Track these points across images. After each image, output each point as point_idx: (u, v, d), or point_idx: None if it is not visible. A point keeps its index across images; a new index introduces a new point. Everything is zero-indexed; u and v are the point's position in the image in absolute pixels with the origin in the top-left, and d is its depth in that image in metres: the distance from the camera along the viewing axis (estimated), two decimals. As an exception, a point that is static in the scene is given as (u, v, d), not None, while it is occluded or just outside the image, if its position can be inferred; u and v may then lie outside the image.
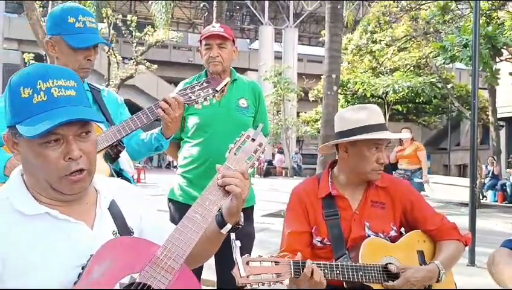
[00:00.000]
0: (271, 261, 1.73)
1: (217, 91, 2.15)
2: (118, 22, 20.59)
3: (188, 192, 2.63)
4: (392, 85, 17.21)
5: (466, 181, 10.57)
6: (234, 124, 2.54)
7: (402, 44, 17.18)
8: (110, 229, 1.32)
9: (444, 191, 14.27)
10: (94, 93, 2.21)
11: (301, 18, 33.40)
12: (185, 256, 1.27)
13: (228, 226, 1.41)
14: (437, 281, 1.98)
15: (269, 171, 24.79)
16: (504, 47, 9.97)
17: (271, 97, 23.80)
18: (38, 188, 1.25)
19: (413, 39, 16.77)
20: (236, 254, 1.48)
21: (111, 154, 2.06)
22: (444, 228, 2.13)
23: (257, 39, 34.99)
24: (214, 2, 11.41)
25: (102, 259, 1.20)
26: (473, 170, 6.07)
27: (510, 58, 12.35)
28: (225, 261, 2.08)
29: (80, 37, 2.06)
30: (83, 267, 1.20)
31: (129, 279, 1.21)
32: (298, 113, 26.57)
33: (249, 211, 2.65)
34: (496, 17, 12.03)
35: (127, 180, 2.08)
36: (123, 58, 22.00)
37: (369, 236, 2.07)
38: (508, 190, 13.74)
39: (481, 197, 13.37)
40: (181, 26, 38.66)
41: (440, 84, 17.06)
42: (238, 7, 36.41)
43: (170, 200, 2.72)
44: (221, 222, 1.41)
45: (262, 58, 28.32)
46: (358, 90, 18.13)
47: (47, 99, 1.18)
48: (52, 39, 2.10)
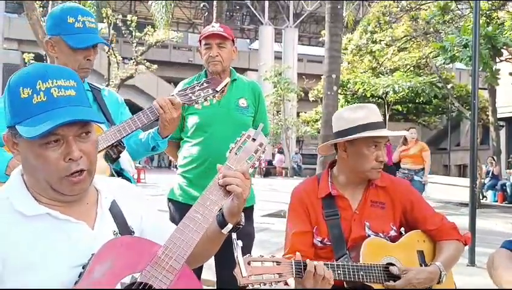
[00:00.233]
0: (272, 261, 1.73)
1: (217, 91, 2.15)
2: (118, 22, 20.58)
3: (188, 192, 2.63)
4: (392, 85, 17.22)
5: (466, 181, 10.58)
6: (234, 124, 2.53)
7: (402, 44, 17.18)
8: (111, 229, 1.31)
9: (444, 191, 14.27)
10: (94, 92, 2.21)
11: (301, 18, 33.40)
12: (186, 256, 1.27)
13: (229, 226, 1.40)
14: (438, 282, 1.98)
15: (269, 171, 24.80)
16: (504, 47, 9.97)
17: (271, 97, 23.80)
18: (38, 189, 1.25)
19: (413, 39, 16.78)
20: (237, 254, 1.47)
21: (111, 154, 2.05)
22: (444, 228, 2.13)
23: (257, 39, 34.99)
24: (214, 2, 11.42)
25: (103, 259, 1.19)
26: (473, 170, 6.07)
27: (510, 58, 12.35)
28: (225, 261, 2.07)
29: (80, 37, 2.05)
30: (84, 266, 1.19)
31: (130, 279, 1.21)
32: (298, 113, 26.57)
33: (249, 211, 2.64)
34: (496, 17, 12.04)
35: (128, 180, 2.08)
36: (123, 58, 22.00)
37: (369, 236, 2.06)
38: (508, 190, 13.75)
39: (481, 197, 13.37)
40: (181, 26, 38.67)
41: (440, 84, 17.07)
42: (238, 7, 36.41)
43: (170, 200, 2.72)
44: (222, 222, 1.41)
45: (262, 58, 28.31)
46: (358, 90, 18.13)
47: (47, 99, 1.17)
48: (51, 39, 2.09)
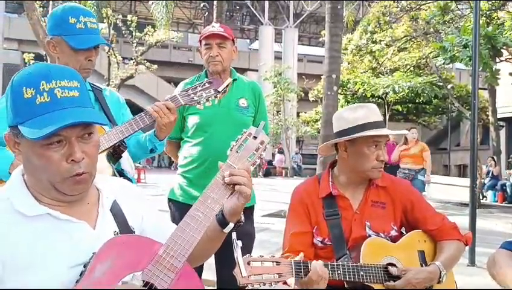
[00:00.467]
0: (272, 261, 1.73)
1: (219, 92, 2.15)
2: (118, 22, 20.59)
3: (188, 192, 2.63)
4: (392, 85, 17.22)
5: (466, 181, 10.59)
6: (234, 124, 2.53)
7: (402, 44, 17.19)
8: (112, 229, 1.31)
9: (444, 191, 14.27)
10: (96, 92, 2.21)
11: (301, 18, 33.38)
12: (188, 254, 1.27)
13: (230, 225, 1.40)
14: (438, 282, 1.98)
15: (269, 171, 24.78)
16: (504, 47, 9.97)
17: (271, 97, 23.80)
18: (39, 188, 1.24)
19: (413, 39, 16.79)
20: (237, 254, 1.47)
21: (113, 154, 2.05)
22: (445, 228, 2.13)
23: (257, 39, 34.97)
24: (214, 2, 11.44)
25: (104, 257, 1.20)
26: (473, 170, 6.07)
27: (510, 58, 12.35)
28: (225, 261, 2.07)
29: (81, 38, 2.05)
30: (85, 265, 1.20)
31: (131, 277, 1.21)
32: (298, 113, 26.57)
33: (250, 211, 2.65)
34: (496, 17, 12.04)
35: (129, 180, 2.08)
36: (123, 58, 22.01)
37: (369, 236, 2.06)
38: (508, 190, 13.75)
39: (481, 197, 13.37)
40: (181, 26, 38.65)
41: (440, 84, 17.07)
42: (238, 7, 36.40)
43: (170, 200, 2.72)
44: (222, 221, 1.40)
45: (262, 58, 28.28)
46: (358, 90, 18.14)
47: (50, 100, 1.17)
48: (53, 39, 2.09)
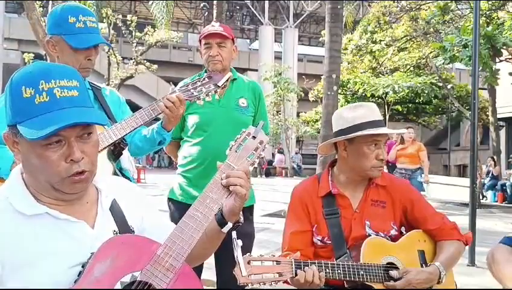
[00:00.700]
0: (272, 260, 1.73)
1: (219, 86, 2.13)
2: (118, 22, 20.59)
3: (188, 191, 2.62)
4: (392, 85, 17.23)
5: (466, 181, 10.58)
6: (234, 124, 2.53)
7: (402, 44, 17.21)
8: (111, 228, 1.31)
9: (444, 191, 14.27)
10: (95, 91, 2.21)
11: (301, 18, 33.39)
12: (186, 254, 1.27)
13: (229, 225, 1.40)
14: (438, 282, 1.98)
15: (269, 171, 24.80)
16: (504, 47, 9.97)
17: (271, 97, 23.80)
18: (38, 188, 1.24)
19: (413, 39, 16.81)
20: (237, 253, 1.47)
21: (114, 152, 2.05)
22: (445, 228, 2.12)
23: (257, 39, 34.98)
24: (214, 2, 11.44)
25: (103, 257, 1.19)
26: (473, 170, 6.06)
27: (510, 58, 12.35)
28: (225, 260, 2.07)
29: (81, 37, 2.04)
30: (84, 265, 1.19)
31: (130, 277, 1.21)
32: (298, 113, 26.57)
33: (249, 211, 2.64)
34: (496, 17, 12.04)
35: (127, 179, 2.07)
36: (123, 58, 22.00)
37: (369, 235, 2.06)
38: (508, 190, 13.74)
39: (481, 197, 13.38)
40: (181, 26, 38.65)
41: (440, 84, 17.08)
42: (238, 7, 36.41)
43: (170, 199, 2.72)
44: (221, 221, 1.40)
45: (262, 58, 28.27)
46: (358, 90, 18.14)
47: (49, 100, 1.16)
48: (52, 39, 2.08)
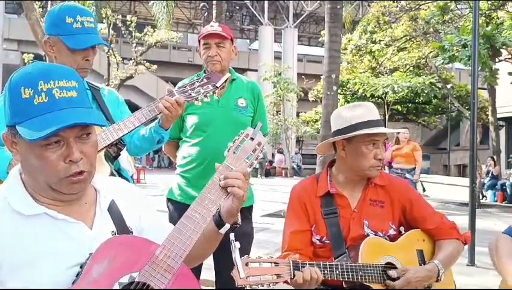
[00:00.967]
0: (270, 262, 1.72)
1: (217, 87, 2.13)
2: (118, 23, 20.57)
3: (187, 192, 2.62)
4: (392, 85, 17.23)
5: (466, 181, 10.57)
6: (233, 124, 2.53)
7: (401, 44, 17.19)
8: (109, 229, 1.31)
9: (444, 191, 14.28)
10: (93, 91, 2.20)
11: (301, 18, 33.39)
12: (185, 255, 1.27)
13: (227, 226, 1.40)
14: (436, 280, 1.98)
15: (269, 171, 24.80)
16: (503, 47, 9.98)
17: (271, 97, 23.80)
18: (37, 188, 1.24)
19: (412, 39, 16.79)
20: (235, 255, 1.47)
21: (111, 153, 2.05)
22: (443, 227, 2.13)
23: (257, 39, 34.99)
24: (214, 2, 11.42)
25: (101, 258, 1.19)
26: (473, 170, 6.07)
27: (509, 58, 12.35)
28: (223, 261, 2.07)
29: (78, 38, 2.03)
30: (82, 266, 1.19)
31: (128, 278, 1.21)
32: (298, 113, 26.57)
33: (248, 211, 2.64)
34: (496, 17, 12.04)
35: (126, 179, 2.07)
36: (123, 58, 21.99)
37: (368, 235, 2.06)
38: (508, 190, 13.73)
39: (481, 197, 13.37)
40: (181, 26, 38.64)
41: (440, 84, 17.07)
42: (238, 7, 36.40)
43: (169, 200, 2.72)
44: (219, 222, 1.40)
45: (262, 58, 28.27)
46: (358, 90, 18.14)
47: (48, 100, 1.16)
48: (50, 39, 2.08)
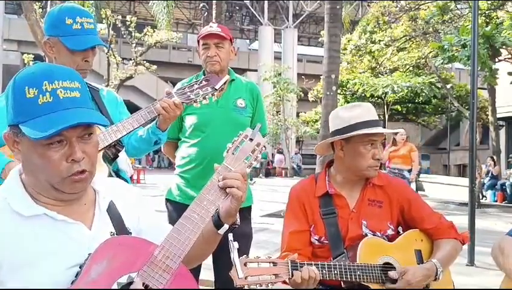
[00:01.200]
0: (269, 262, 1.73)
1: (216, 89, 2.13)
2: (117, 23, 20.56)
3: (186, 192, 2.63)
4: (391, 85, 17.24)
5: (466, 181, 10.57)
6: (232, 124, 2.53)
7: (401, 44, 17.20)
8: (108, 230, 1.31)
9: (444, 191, 14.29)
10: (92, 92, 2.21)
11: (300, 18, 33.39)
12: (183, 256, 1.27)
13: (225, 226, 1.40)
14: (435, 279, 1.99)
15: (269, 171, 24.81)
16: (503, 47, 9.98)
17: (271, 97, 23.82)
18: (38, 188, 1.25)
19: (412, 39, 16.79)
20: (234, 255, 1.47)
21: (109, 154, 2.05)
22: (441, 227, 2.13)
23: (257, 39, 35.00)
24: (214, 3, 11.42)
25: (100, 258, 1.20)
26: (472, 170, 6.07)
27: (509, 58, 12.35)
28: (223, 261, 2.07)
29: (77, 39, 2.04)
30: (81, 266, 1.20)
31: (127, 278, 1.21)
32: (298, 113, 26.58)
33: (247, 212, 2.65)
34: (495, 16, 12.04)
35: (124, 180, 2.08)
36: (122, 58, 21.98)
37: (366, 235, 2.06)
38: (508, 190, 13.74)
39: (481, 197, 13.38)
40: (180, 26, 38.65)
41: (439, 84, 17.08)
42: (238, 8, 36.41)
43: (168, 200, 2.72)
44: (218, 223, 1.40)
45: (261, 58, 28.28)
46: (357, 90, 18.14)
47: (52, 100, 1.18)
48: (49, 40, 2.08)
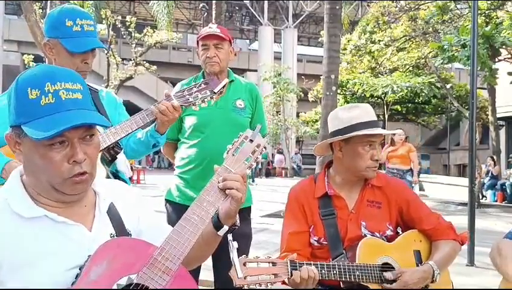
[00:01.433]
0: (268, 262, 1.73)
1: (215, 93, 2.14)
2: (117, 23, 20.56)
3: (185, 193, 2.63)
4: (391, 85, 17.25)
5: (466, 181, 10.57)
6: (231, 125, 2.54)
7: (401, 44, 17.19)
8: (108, 231, 1.32)
9: (444, 190, 14.29)
10: (92, 94, 2.20)
11: (300, 18, 33.40)
12: (183, 257, 1.28)
13: (225, 228, 1.41)
14: (432, 281, 1.99)
15: (269, 171, 24.81)
16: (503, 46, 9.98)
17: (270, 98, 23.82)
18: (38, 189, 1.25)
19: (412, 39, 16.79)
20: (233, 255, 1.48)
21: (108, 156, 2.05)
22: (440, 228, 2.14)
23: (256, 40, 35.00)
24: (213, 3, 11.41)
25: (100, 260, 1.20)
26: (472, 170, 6.07)
27: (509, 57, 12.35)
28: (222, 261, 2.08)
29: (77, 41, 2.04)
30: (81, 268, 1.20)
31: (127, 280, 1.21)
32: (298, 113, 26.58)
33: (246, 212, 2.65)
34: (495, 16, 12.04)
35: (124, 181, 2.08)
36: (122, 59, 21.97)
37: (365, 235, 2.07)
38: (508, 190, 13.74)
39: (481, 197, 13.38)
40: (180, 27, 38.64)
41: (439, 84, 17.09)
42: (238, 8, 36.41)
43: (167, 201, 2.72)
44: (217, 224, 1.41)
45: (261, 58, 28.28)
46: (357, 90, 18.15)
47: (55, 101, 1.18)
48: (49, 42, 2.09)
